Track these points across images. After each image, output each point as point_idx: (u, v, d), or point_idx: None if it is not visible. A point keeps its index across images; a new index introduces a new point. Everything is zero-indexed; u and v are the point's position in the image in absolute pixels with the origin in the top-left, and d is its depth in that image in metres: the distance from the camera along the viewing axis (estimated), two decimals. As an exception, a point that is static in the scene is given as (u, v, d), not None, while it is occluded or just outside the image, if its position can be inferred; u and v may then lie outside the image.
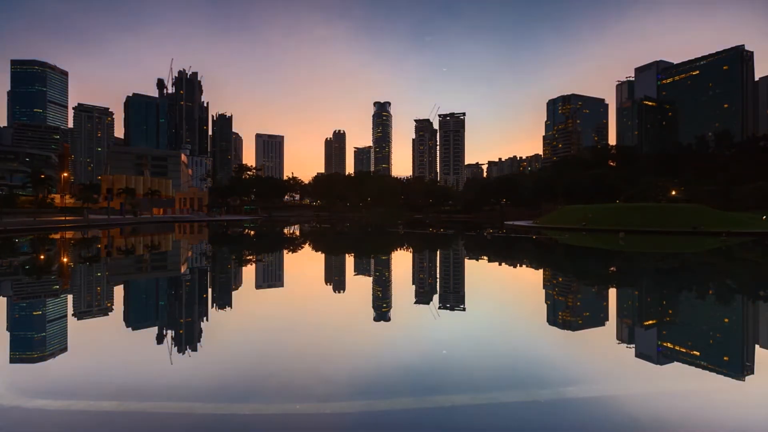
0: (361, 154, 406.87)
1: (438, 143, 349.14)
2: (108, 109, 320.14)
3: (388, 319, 9.19)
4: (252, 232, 48.21)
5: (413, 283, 14.57)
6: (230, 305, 10.87)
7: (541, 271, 19.08)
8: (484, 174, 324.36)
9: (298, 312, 10.02)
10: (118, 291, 13.03)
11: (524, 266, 20.43)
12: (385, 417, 4.67)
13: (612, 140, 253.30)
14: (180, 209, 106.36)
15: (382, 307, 10.56)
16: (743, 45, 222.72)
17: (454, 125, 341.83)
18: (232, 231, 49.46)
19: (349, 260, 22.05)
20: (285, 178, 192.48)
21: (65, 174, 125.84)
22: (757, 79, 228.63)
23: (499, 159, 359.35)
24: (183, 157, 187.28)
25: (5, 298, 11.22)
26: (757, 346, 7.83)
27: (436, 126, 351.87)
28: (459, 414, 4.67)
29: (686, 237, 36.58)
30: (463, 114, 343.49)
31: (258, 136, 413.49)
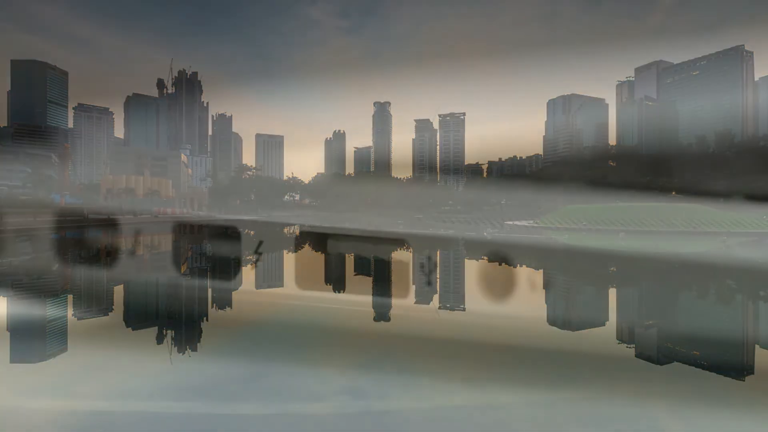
0: (361, 154, 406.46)
1: (438, 143, 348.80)
2: (108, 109, 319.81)
3: (388, 319, 9.18)
4: (251, 232, 48.20)
5: (413, 283, 14.56)
6: (230, 305, 10.87)
7: (541, 271, 19.08)
8: (484, 174, 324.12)
9: (298, 312, 10.01)
10: (118, 291, 13.02)
11: (524, 266, 20.43)
12: (384, 417, 4.67)
13: (612, 140, 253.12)
14: (180, 209, 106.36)
15: (381, 307, 10.55)
16: (743, 45, 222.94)
17: (454, 125, 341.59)
18: (231, 231, 49.46)
19: (349, 260, 22.04)
20: (285, 178, 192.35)
21: (65, 174, 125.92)
22: (757, 79, 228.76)
23: (499, 159, 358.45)
24: (183, 157, 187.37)
25: (5, 298, 11.21)
26: (757, 347, 7.83)
27: (436, 126, 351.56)
28: (459, 414, 4.67)
29: (686, 237, 36.56)
30: (463, 114, 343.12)
31: (258, 136, 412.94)
